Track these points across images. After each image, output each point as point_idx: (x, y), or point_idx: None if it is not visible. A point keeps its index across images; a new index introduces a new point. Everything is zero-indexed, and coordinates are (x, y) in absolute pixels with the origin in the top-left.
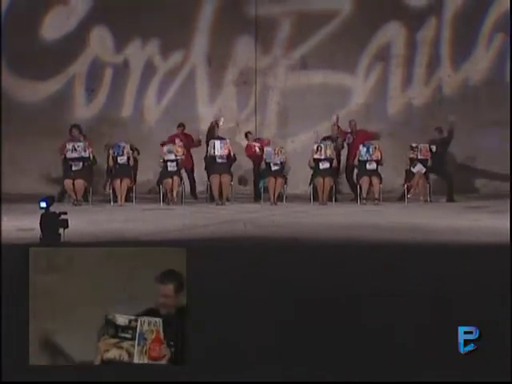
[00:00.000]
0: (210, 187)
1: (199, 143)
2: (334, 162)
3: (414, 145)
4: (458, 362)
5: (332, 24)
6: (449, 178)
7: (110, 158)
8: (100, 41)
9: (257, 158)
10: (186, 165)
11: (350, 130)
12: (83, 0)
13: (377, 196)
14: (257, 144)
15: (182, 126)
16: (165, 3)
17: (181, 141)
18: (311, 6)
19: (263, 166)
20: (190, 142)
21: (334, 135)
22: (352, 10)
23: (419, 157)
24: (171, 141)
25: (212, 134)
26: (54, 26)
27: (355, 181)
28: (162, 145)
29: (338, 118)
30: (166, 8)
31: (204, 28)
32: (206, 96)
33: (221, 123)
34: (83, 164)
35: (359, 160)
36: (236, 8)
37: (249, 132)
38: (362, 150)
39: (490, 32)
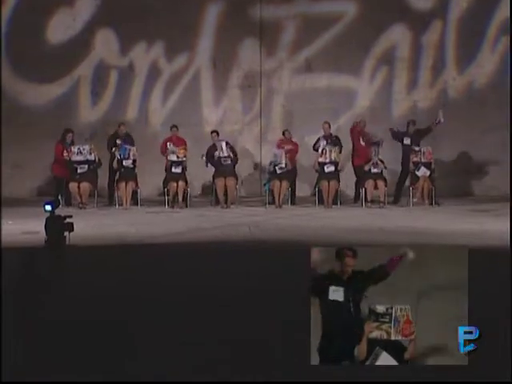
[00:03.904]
0: (215, 190)
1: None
2: (339, 166)
3: (416, 148)
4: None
5: (337, 27)
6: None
7: (116, 160)
8: (105, 44)
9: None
10: None
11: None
12: (88, 3)
13: (382, 199)
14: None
15: (174, 127)
16: (169, 6)
17: (173, 144)
18: (316, 8)
19: (270, 168)
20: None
21: (327, 134)
22: (357, 13)
23: (422, 160)
24: (164, 145)
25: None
26: (58, 29)
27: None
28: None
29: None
30: (170, 11)
31: (209, 31)
32: (210, 99)
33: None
34: (89, 167)
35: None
36: (241, 11)
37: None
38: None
39: (495, 35)
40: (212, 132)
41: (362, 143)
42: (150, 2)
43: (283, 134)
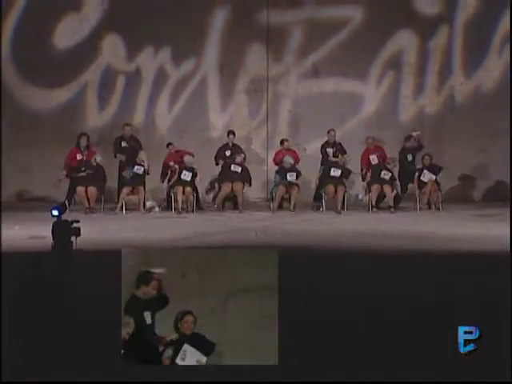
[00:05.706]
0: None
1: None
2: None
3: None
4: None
5: (344, 32)
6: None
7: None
8: (112, 49)
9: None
10: None
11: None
12: (95, 8)
13: (391, 204)
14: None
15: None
16: (177, 11)
17: (175, 163)
18: (323, 13)
19: (281, 174)
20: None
21: (332, 141)
22: (364, 18)
23: (426, 165)
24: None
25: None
26: (66, 34)
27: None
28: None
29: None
30: (177, 16)
31: (216, 36)
32: (217, 104)
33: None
34: (96, 171)
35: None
36: (248, 16)
37: (285, 139)
38: (374, 158)
39: (502, 40)
40: (229, 133)
41: (374, 162)
42: (156, 7)
43: (281, 143)
